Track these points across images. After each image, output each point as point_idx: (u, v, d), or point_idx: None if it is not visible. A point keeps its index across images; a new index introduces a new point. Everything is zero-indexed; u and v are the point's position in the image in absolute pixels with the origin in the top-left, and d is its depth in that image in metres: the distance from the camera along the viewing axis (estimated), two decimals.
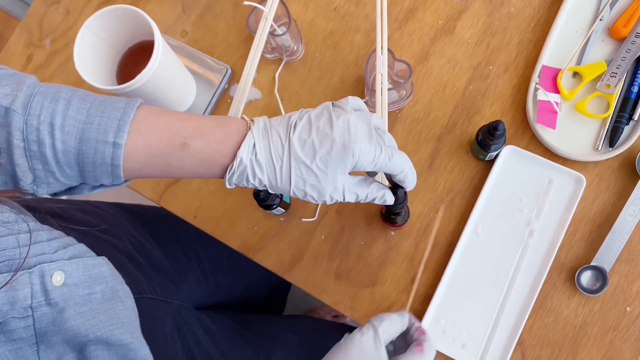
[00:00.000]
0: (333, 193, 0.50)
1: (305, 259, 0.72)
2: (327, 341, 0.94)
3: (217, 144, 0.48)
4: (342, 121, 0.47)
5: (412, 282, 0.69)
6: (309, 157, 0.47)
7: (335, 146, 0.47)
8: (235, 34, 0.79)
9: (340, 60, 0.76)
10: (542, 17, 0.73)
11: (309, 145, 0.47)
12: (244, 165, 0.48)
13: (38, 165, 0.46)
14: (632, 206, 0.65)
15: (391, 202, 0.54)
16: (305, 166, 0.48)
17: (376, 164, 0.49)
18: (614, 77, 0.67)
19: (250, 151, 0.48)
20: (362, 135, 0.47)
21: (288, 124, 0.49)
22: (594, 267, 0.65)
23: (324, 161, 0.47)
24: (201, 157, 0.48)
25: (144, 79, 0.62)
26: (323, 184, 0.49)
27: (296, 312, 1.48)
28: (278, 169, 0.48)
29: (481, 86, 0.72)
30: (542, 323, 0.67)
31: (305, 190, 0.49)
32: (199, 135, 0.48)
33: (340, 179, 0.49)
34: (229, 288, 0.93)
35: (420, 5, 0.75)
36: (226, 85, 0.77)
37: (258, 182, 0.49)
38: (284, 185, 0.49)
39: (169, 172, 0.49)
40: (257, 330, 0.86)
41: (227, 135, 0.48)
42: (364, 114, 0.50)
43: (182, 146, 0.48)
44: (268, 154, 0.48)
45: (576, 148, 0.68)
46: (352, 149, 0.47)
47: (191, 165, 0.49)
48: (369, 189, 0.52)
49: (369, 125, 0.49)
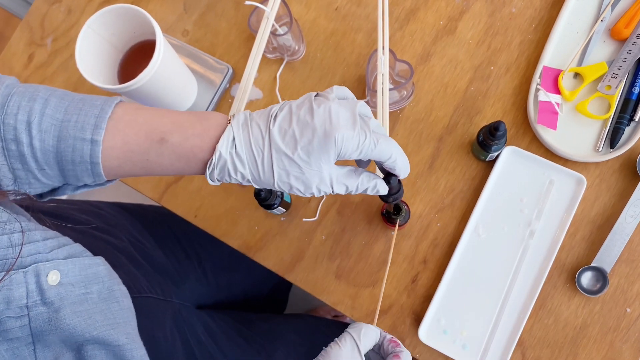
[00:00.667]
0: (320, 184, 0.48)
1: (305, 259, 0.72)
2: (328, 340, 0.94)
3: (196, 138, 0.47)
4: (322, 109, 0.46)
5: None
6: (290, 148, 0.46)
7: (316, 135, 0.45)
8: (237, 33, 0.79)
9: (342, 60, 0.76)
10: (543, 18, 0.73)
11: (290, 136, 0.46)
12: (223, 160, 0.46)
13: (17, 164, 0.45)
14: (633, 207, 0.65)
15: (384, 191, 0.52)
16: (287, 157, 0.46)
17: (361, 151, 0.47)
18: (615, 78, 0.67)
19: (229, 145, 0.46)
20: (345, 122, 0.46)
21: (268, 115, 0.47)
22: (594, 268, 0.65)
23: (306, 151, 0.46)
24: (180, 151, 0.47)
25: (146, 78, 0.62)
26: (308, 175, 0.47)
27: (295, 312, 1.48)
28: (260, 161, 0.47)
29: (482, 87, 0.72)
30: (543, 324, 0.67)
31: (290, 183, 0.47)
32: (177, 129, 0.47)
33: (326, 169, 0.47)
34: (230, 287, 0.93)
35: (421, 6, 0.75)
36: (227, 84, 0.77)
37: (240, 176, 0.47)
38: (267, 178, 0.47)
39: (149, 168, 0.48)
40: (259, 329, 0.86)
41: (206, 129, 0.47)
42: (348, 102, 0.48)
43: (159, 141, 0.47)
44: (248, 146, 0.46)
45: (577, 149, 0.68)
46: (334, 136, 0.45)
47: (170, 160, 0.48)
48: (359, 180, 0.50)
49: (353, 112, 0.47)
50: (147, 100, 0.69)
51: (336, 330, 1.02)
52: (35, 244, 0.43)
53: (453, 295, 0.67)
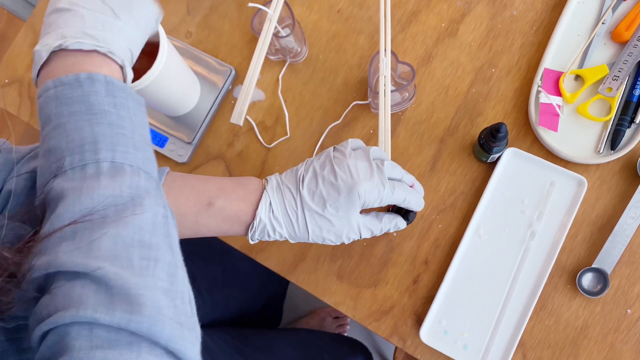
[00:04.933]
0: (349, 233, 0.55)
1: (307, 260, 0.72)
2: (324, 354, 0.94)
3: (239, 202, 0.53)
4: (344, 168, 0.53)
5: (414, 282, 0.70)
6: (320, 207, 0.53)
7: (342, 193, 0.52)
8: (240, 35, 0.79)
9: (344, 62, 0.76)
10: (544, 20, 0.73)
11: (318, 196, 0.53)
12: (263, 223, 0.53)
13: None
14: (634, 209, 0.65)
15: (404, 226, 0.61)
16: (318, 215, 0.53)
17: (381, 200, 0.54)
18: (615, 80, 0.67)
19: (267, 209, 0.52)
20: (364, 175, 0.53)
21: (297, 178, 0.54)
22: (595, 269, 0.66)
23: (335, 207, 0.53)
24: (225, 214, 0.53)
25: (149, 80, 0.63)
26: (338, 227, 0.54)
27: (296, 313, 1.48)
28: (295, 222, 0.53)
29: (484, 89, 0.72)
30: (543, 325, 0.67)
31: (323, 236, 0.54)
32: (222, 194, 0.53)
33: (354, 219, 0.54)
34: (225, 304, 0.93)
35: (423, 8, 0.76)
36: (230, 86, 0.78)
37: (279, 235, 0.54)
38: (302, 234, 0.54)
39: (196, 230, 0.53)
40: (255, 345, 0.86)
41: (247, 194, 0.53)
42: (363, 151, 0.55)
43: (208, 205, 0.52)
44: (284, 209, 0.53)
45: (578, 151, 0.68)
46: (358, 191, 0.52)
47: (216, 222, 0.53)
48: (382, 224, 0.58)
49: (369, 161, 0.54)
50: (150, 102, 0.69)
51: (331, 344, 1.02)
52: None
53: (454, 296, 0.68)
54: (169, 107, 0.73)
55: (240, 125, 0.72)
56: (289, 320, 1.47)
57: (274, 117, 0.76)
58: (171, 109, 0.74)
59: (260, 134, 0.76)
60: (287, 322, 1.47)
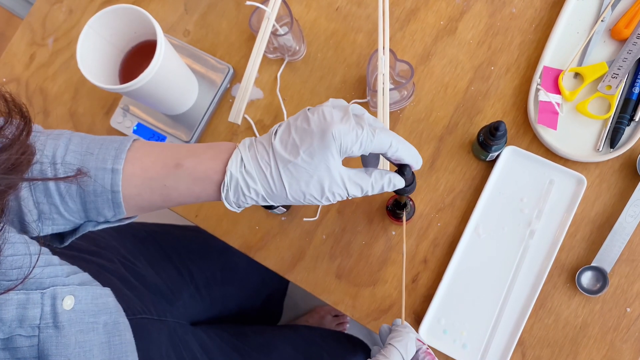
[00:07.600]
0: (332, 186, 0.49)
1: (306, 259, 0.72)
2: (323, 352, 0.94)
3: (209, 161, 0.50)
4: (316, 114, 0.49)
5: (413, 281, 0.70)
6: (293, 155, 0.48)
7: (314, 136, 0.48)
8: (238, 33, 0.79)
9: (342, 61, 0.76)
10: (543, 18, 0.73)
11: (291, 144, 0.48)
12: (235, 179, 0.49)
13: (42, 198, 0.48)
14: (633, 207, 0.65)
15: (401, 183, 0.52)
16: (292, 164, 0.48)
17: (361, 143, 0.48)
18: (615, 78, 0.67)
19: (238, 164, 0.49)
20: (338, 119, 0.48)
21: (270, 134, 0.51)
22: (594, 267, 0.65)
23: (308, 153, 0.48)
24: (195, 175, 0.50)
25: (147, 78, 0.63)
26: (316, 177, 0.48)
27: (296, 311, 1.48)
28: (268, 174, 0.49)
29: (482, 87, 0.72)
30: (543, 323, 0.67)
31: (302, 190, 0.49)
32: (191, 155, 0.51)
33: (335, 168, 0.48)
34: (223, 301, 0.92)
35: (422, 6, 0.75)
36: (228, 84, 0.78)
37: (254, 193, 0.50)
38: (279, 190, 0.49)
39: (166, 195, 0.51)
40: (254, 343, 0.86)
41: (217, 153, 0.51)
42: (341, 104, 0.51)
43: (175, 166, 0.50)
44: (256, 162, 0.49)
45: (577, 149, 0.68)
46: (331, 132, 0.47)
47: (186, 184, 0.50)
48: (371, 178, 0.51)
49: (346, 111, 0.49)
50: (148, 100, 0.69)
51: (331, 342, 1.03)
52: (54, 267, 0.45)
53: (453, 294, 0.68)
54: (166, 105, 0.73)
55: (239, 124, 0.72)
56: (288, 318, 1.47)
57: (273, 116, 0.76)
58: (169, 108, 0.74)
59: (259, 133, 0.76)
60: (286, 320, 1.47)
